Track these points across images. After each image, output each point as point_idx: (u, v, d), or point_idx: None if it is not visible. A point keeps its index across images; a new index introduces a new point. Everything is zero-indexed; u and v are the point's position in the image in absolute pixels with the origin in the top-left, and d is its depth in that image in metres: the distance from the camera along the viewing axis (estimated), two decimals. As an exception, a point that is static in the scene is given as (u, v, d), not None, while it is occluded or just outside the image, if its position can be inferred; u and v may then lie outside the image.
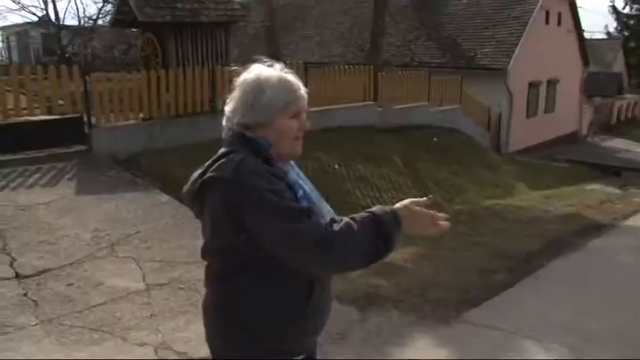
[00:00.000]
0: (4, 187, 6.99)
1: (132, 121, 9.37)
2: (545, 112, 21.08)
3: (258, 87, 1.75)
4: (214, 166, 1.71)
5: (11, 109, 8.64)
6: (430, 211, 1.72)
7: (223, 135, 1.82)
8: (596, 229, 6.90)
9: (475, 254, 5.74)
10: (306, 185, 1.84)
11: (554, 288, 4.91)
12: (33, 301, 4.35)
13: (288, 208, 1.63)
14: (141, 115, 9.51)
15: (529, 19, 18.28)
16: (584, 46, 23.08)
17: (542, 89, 20.66)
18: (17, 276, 4.75)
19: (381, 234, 1.62)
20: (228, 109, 1.80)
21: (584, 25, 22.80)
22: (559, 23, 20.82)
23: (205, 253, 1.83)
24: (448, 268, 5.32)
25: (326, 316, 1.91)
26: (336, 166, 10.25)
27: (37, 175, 7.52)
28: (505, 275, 5.16)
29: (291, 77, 1.80)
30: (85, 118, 8.98)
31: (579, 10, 21.80)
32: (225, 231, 1.69)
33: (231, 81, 1.85)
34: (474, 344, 3.86)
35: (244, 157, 1.68)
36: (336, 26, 23.54)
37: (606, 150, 22.56)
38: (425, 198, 1.75)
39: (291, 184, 1.74)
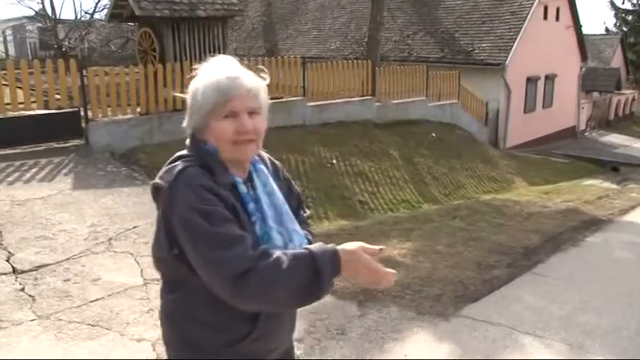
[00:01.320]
0: (0, 182, 6.96)
1: (129, 116, 9.34)
2: (543, 107, 21.09)
3: (195, 88, 1.62)
4: (161, 172, 1.60)
5: (8, 104, 8.60)
6: (377, 266, 1.54)
7: None
8: (595, 224, 6.90)
9: (473, 249, 5.73)
10: (269, 197, 1.68)
11: (553, 283, 4.91)
12: (30, 296, 4.33)
13: (211, 233, 1.46)
14: (138, 110, 9.48)
15: (527, 14, 18.26)
16: (583, 41, 23.06)
17: (540, 84, 20.65)
18: (14, 271, 4.73)
19: (315, 272, 1.45)
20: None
21: (582, 20, 22.80)
22: (557, 18, 20.80)
23: (153, 261, 1.72)
24: (446, 263, 5.30)
25: (282, 334, 1.77)
26: (334, 161, 10.23)
27: (34, 170, 7.49)
28: (504, 271, 5.15)
29: (229, 75, 1.60)
30: (82, 113, 8.96)
31: (578, 5, 21.79)
32: (161, 242, 1.58)
33: None
34: (473, 339, 3.86)
35: (186, 166, 1.56)
36: (334, 21, 23.49)
37: (604, 145, 22.62)
38: (377, 248, 1.57)
39: (240, 196, 1.61)
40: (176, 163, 1.60)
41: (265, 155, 1.83)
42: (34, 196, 6.55)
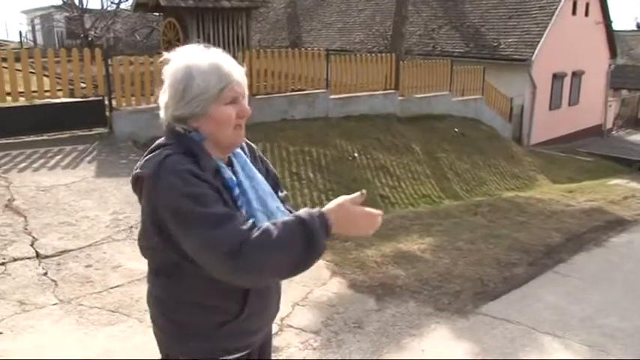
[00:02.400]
0: (26, 168, 7.07)
1: (153, 105, 9.40)
2: (569, 104, 20.75)
3: (188, 75, 1.60)
4: (142, 161, 1.62)
5: (34, 92, 8.73)
6: (367, 210, 1.56)
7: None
8: (620, 225, 6.77)
9: (494, 247, 5.67)
10: (250, 180, 1.71)
11: (575, 283, 4.84)
12: (53, 281, 4.39)
13: (202, 214, 1.48)
14: (162, 99, 9.54)
15: (555, 9, 17.95)
16: (613, 37, 22.60)
17: (567, 81, 20.31)
18: (38, 256, 4.81)
19: (307, 237, 1.48)
20: (161, 100, 1.67)
21: (612, 16, 22.33)
22: (586, 14, 20.41)
23: (140, 249, 1.76)
24: (466, 260, 5.26)
25: (269, 313, 1.82)
26: (355, 155, 10.20)
27: (58, 157, 7.59)
28: (525, 269, 5.09)
29: (223, 61, 1.64)
30: (107, 101, 9.05)
31: (608, 0, 21.34)
32: (148, 229, 1.62)
33: (251, 66, 1.77)
34: (492, 338, 3.82)
35: (170, 154, 1.56)
36: (359, 13, 23.37)
37: (632, 144, 22.17)
38: (358, 193, 1.57)
39: (225, 181, 1.63)
40: (157, 151, 1.61)
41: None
42: (58, 182, 6.64)
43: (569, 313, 4.22)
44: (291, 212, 1.80)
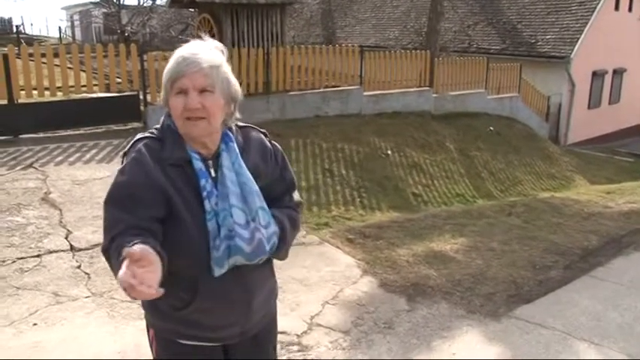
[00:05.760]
0: (62, 162, 7.20)
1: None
2: (610, 103, 20.19)
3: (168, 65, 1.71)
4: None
5: (71, 86, 8.89)
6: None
7: None
8: (661, 228, 6.55)
9: (529, 248, 5.54)
10: (237, 175, 1.72)
11: (613, 288, 4.68)
12: (86, 273, 4.46)
13: (111, 205, 1.67)
14: (195, 95, 9.61)
15: (597, 4, 17.46)
16: (657, 34, 21.89)
17: (607, 79, 19.77)
18: (72, 248, 4.89)
19: None
20: None
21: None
22: (630, 9, 19.79)
23: None
24: (500, 261, 5.15)
25: (228, 318, 1.80)
26: (389, 152, 10.11)
27: (93, 151, 7.72)
28: (560, 272, 4.95)
29: (192, 52, 1.66)
30: (141, 96, 9.16)
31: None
32: None
33: (285, 62, 1.79)
34: (525, 342, 3.72)
35: (142, 137, 1.73)
36: (394, 10, 23.19)
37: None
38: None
39: (195, 172, 1.68)
40: (141, 133, 1.77)
41: (255, 135, 1.87)
42: (93, 176, 6.74)
43: (606, 319, 4.08)
44: (290, 217, 1.86)
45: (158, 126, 1.77)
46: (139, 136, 1.75)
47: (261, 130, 1.93)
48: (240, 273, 1.74)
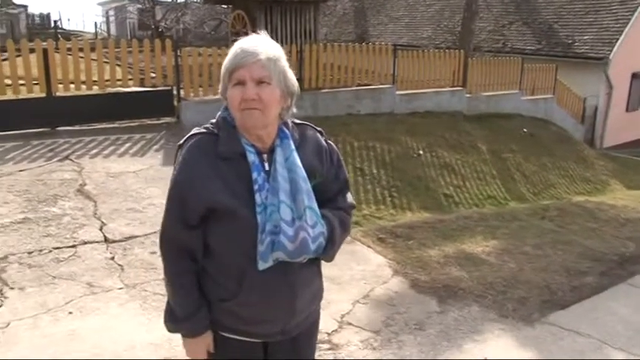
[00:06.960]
0: (97, 154, 7.32)
1: (219, 96, 9.53)
2: (650, 106, 19.65)
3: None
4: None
5: (107, 80, 9.03)
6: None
7: None
8: (702, 236, 6.36)
9: (563, 253, 5.43)
10: (289, 172, 1.73)
11: (651, 296, 4.57)
12: (119, 265, 4.52)
13: (168, 199, 1.81)
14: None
15: (639, 4, 16.99)
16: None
17: (647, 81, 19.23)
18: (106, 240, 4.96)
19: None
20: None
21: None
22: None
23: None
24: (533, 265, 5.06)
25: (274, 312, 1.81)
26: (420, 152, 10.02)
27: (127, 145, 7.82)
28: (596, 278, 4.85)
29: (250, 44, 1.68)
30: (175, 92, 9.25)
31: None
32: None
33: (317, 60, 1.81)
34: (559, 349, 3.65)
35: (196, 132, 1.77)
36: (427, 8, 22.98)
37: None
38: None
39: (248, 165, 1.71)
40: (197, 128, 1.80)
41: (311, 133, 1.87)
42: (127, 169, 6.84)
43: (644, 328, 3.98)
44: (339, 219, 1.86)
45: (214, 120, 1.80)
46: (194, 130, 1.79)
47: (318, 128, 1.93)
48: (287, 270, 1.75)
